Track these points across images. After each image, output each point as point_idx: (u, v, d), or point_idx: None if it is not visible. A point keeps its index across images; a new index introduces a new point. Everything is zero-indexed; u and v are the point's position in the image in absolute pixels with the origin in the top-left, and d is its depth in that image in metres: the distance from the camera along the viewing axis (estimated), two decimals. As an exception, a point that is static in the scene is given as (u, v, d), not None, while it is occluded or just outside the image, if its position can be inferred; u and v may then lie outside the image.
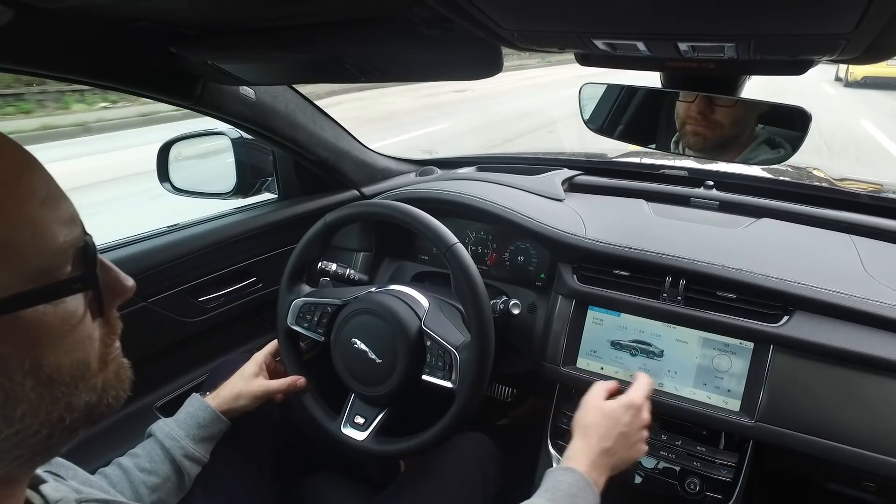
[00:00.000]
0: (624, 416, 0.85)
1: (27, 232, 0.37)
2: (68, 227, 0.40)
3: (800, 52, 0.61)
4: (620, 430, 0.84)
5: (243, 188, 1.37)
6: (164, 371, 1.22)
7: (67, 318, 0.40)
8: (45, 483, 0.48)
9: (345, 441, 1.02)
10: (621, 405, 0.87)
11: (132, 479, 0.83)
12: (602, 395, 0.90)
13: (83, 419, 0.42)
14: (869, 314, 0.91)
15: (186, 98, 1.07)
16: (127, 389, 0.46)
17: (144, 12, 0.81)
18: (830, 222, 1.17)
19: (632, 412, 0.86)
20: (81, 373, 0.41)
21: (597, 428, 0.84)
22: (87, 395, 0.41)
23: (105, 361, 0.44)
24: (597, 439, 0.83)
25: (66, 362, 0.39)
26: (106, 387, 0.43)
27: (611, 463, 0.82)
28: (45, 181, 0.40)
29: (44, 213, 0.39)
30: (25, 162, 0.39)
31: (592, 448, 0.82)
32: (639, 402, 0.88)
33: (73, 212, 0.42)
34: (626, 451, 0.84)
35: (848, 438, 0.89)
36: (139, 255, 1.11)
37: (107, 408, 0.44)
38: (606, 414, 0.85)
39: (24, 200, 0.38)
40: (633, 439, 0.85)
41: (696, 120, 0.94)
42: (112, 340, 0.45)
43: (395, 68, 0.95)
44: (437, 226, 0.98)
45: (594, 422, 0.85)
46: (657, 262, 1.05)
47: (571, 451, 0.83)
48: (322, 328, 1.07)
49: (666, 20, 0.54)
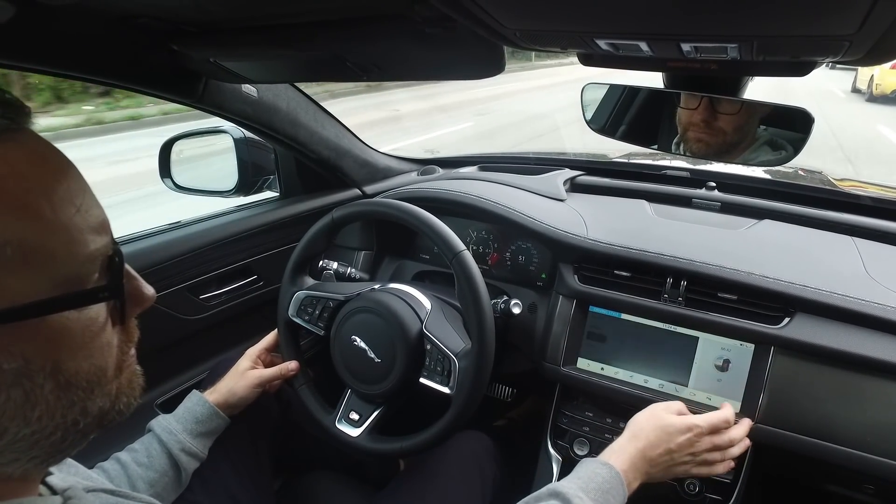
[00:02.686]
0: (680, 435, 0.83)
1: (61, 239, 0.38)
2: (99, 235, 0.41)
3: (803, 54, 0.61)
4: (670, 446, 0.82)
5: (245, 186, 1.37)
6: (165, 368, 1.22)
7: (90, 324, 0.40)
8: (52, 475, 0.49)
9: (339, 436, 1.02)
10: (684, 424, 0.85)
11: (130, 474, 0.83)
12: (672, 408, 0.89)
13: (95, 424, 0.43)
14: (870, 316, 0.90)
15: (188, 96, 1.07)
16: (137, 397, 0.47)
17: (146, 9, 0.81)
18: (832, 224, 1.17)
19: (690, 435, 0.84)
20: (98, 378, 0.42)
21: (648, 434, 0.83)
22: (102, 400, 0.42)
23: (121, 368, 0.45)
24: (644, 444, 0.81)
25: (84, 367, 0.40)
26: (119, 393, 0.44)
27: (650, 472, 0.81)
28: (80, 189, 0.41)
29: (78, 220, 0.39)
30: (64, 168, 0.40)
31: (637, 451, 0.81)
32: (702, 428, 0.85)
33: (105, 220, 0.42)
34: (667, 467, 0.83)
35: (848, 441, 0.89)
36: (141, 253, 1.12)
37: (118, 414, 0.45)
38: (665, 426, 0.84)
39: (61, 208, 0.38)
40: (679, 460, 0.83)
41: (699, 127, 0.94)
42: (129, 348, 0.46)
43: (397, 67, 0.95)
44: (444, 230, 0.98)
45: (649, 428, 0.84)
46: (658, 262, 1.05)
47: (616, 447, 0.82)
48: (323, 322, 1.07)
49: (669, 20, 0.54)
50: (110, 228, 0.43)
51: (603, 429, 1.09)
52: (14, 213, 0.36)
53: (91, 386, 0.41)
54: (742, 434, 0.89)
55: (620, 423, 1.07)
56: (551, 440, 1.13)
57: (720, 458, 0.87)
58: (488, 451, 1.09)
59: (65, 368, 0.39)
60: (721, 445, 0.87)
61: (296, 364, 1.06)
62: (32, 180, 0.38)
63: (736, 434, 0.88)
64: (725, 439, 0.87)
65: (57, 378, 0.39)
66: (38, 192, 0.38)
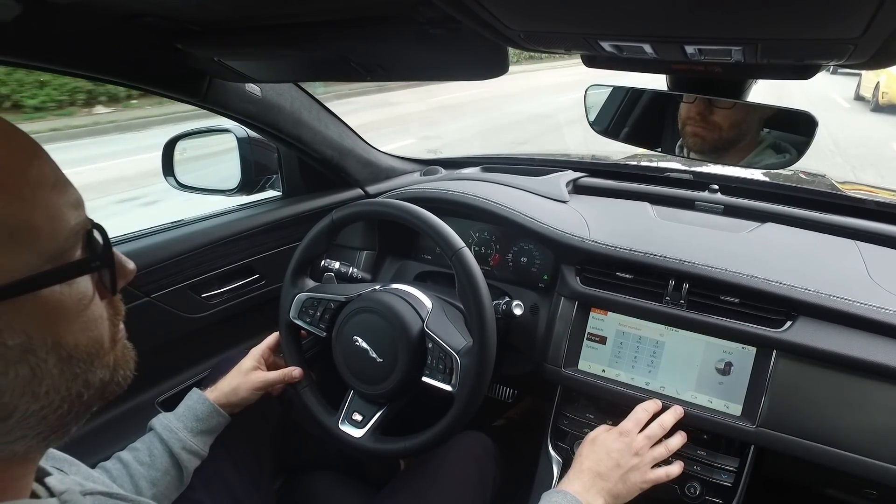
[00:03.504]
0: (614, 443, 0.90)
1: (42, 215, 0.39)
2: (76, 210, 0.42)
3: (807, 57, 0.61)
4: (612, 455, 0.88)
5: (248, 185, 1.38)
6: (166, 367, 1.22)
7: (80, 297, 0.42)
8: (50, 476, 0.49)
9: (342, 437, 1.02)
10: (614, 432, 0.92)
11: (132, 473, 0.83)
12: (603, 427, 0.95)
13: (98, 396, 0.44)
14: (873, 321, 0.90)
15: (192, 95, 1.07)
16: (132, 369, 0.49)
17: (152, 8, 0.81)
18: (835, 228, 1.16)
19: (622, 439, 0.91)
20: (96, 350, 0.43)
21: (590, 453, 0.90)
22: (102, 371, 0.44)
23: (114, 340, 0.46)
24: (589, 464, 0.88)
25: (82, 340, 0.42)
26: (117, 365, 0.46)
27: (607, 487, 0.86)
28: (52, 167, 0.42)
29: (55, 197, 0.41)
30: (34, 149, 0.41)
31: (586, 471, 0.87)
32: (628, 428, 0.92)
33: (79, 197, 0.43)
34: (621, 477, 0.87)
35: (850, 445, 0.89)
36: (143, 251, 1.12)
37: (117, 386, 0.46)
38: (599, 441, 0.91)
39: (37, 186, 0.40)
40: (627, 466, 0.88)
41: (695, 121, 0.94)
42: (118, 321, 0.47)
43: (401, 67, 0.95)
44: (444, 229, 0.98)
45: (588, 449, 0.91)
46: (660, 265, 1.04)
47: (566, 478, 0.88)
48: (324, 324, 1.07)
49: (673, 23, 0.54)
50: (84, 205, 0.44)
51: (604, 431, 1.09)
52: None
53: (91, 358, 0.43)
54: (671, 419, 0.95)
55: (621, 425, 1.07)
56: (552, 442, 1.13)
57: (665, 451, 0.92)
58: (488, 451, 1.09)
59: (65, 342, 0.40)
60: (654, 435, 0.92)
61: (300, 371, 1.06)
62: (6, 160, 0.38)
63: (666, 419, 0.94)
64: (656, 428, 0.93)
65: (59, 352, 0.40)
66: (12, 170, 0.38)
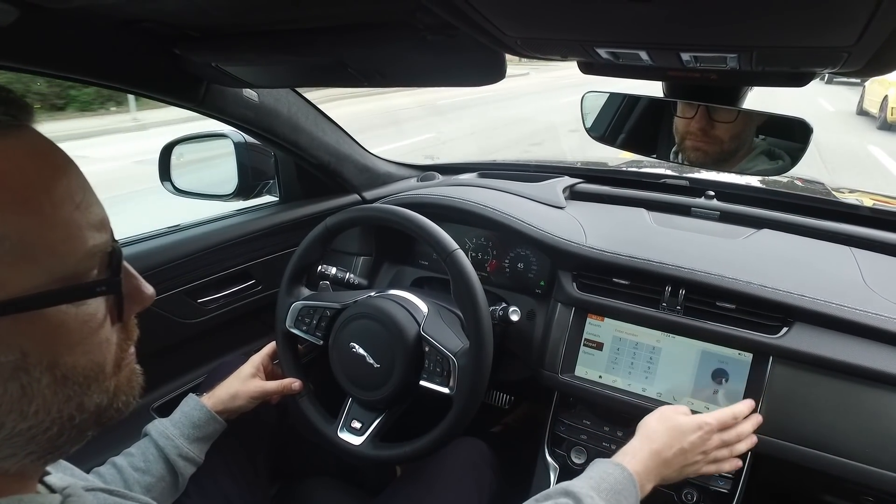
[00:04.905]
0: (692, 433, 0.84)
1: (60, 234, 0.39)
2: (99, 231, 0.42)
3: (802, 64, 0.62)
4: (683, 446, 0.82)
5: (244, 190, 1.37)
6: (162, 372, 1.22)
7: (88, 320, 0.41)
8: (50, 475, 0.49)
9: (341, 446, 1.02)
10: (695, 422, 0.85)
11: (126, 478, 0.83)
12: (680, 409, 0.89)
13: (92, 421, 0.43)
14: (868, 327, 0.90)
15: (189, 100, 1.07)
16: (137, 396, 0.47)
17: (149, 14, 0.81)
18: (831, 234, 1.17)
19: (701, 433, 0.84)
20: (95, 375, 0.42)
21: (661, 435, 0.83)
22: (99, 396, 0.43)
23: (119, 366, 0.45)
24: (658, 445, 0.81)
25: (82, 363, 0.41)
26: (118, 391, 0.45)
27: (663, 473, 0.81)
28: (81, 186, 0.41)
29: (77, 216, 0.40)
30: (64, 166, 0.41)
31: (651, 452, 0.80)
32: (712, 426, 0.86)
33: (104, 217, 0.43)
34: (680, 467, 0.83)
35: (846, 451, 0.89)
36: (139, 256, 1.11)
37: (116, 412, 0.45)
38: (676, 425, 0.84)
39: (61, 203, 0.39)
40: (691, 459, 0.83)
41: (696, 136, 0.94)
42: (128, 346, 0.46)
43: (399, 73, 0.95)
44: (437, 231, 0.98)
45: (662, 429, 0.84)
46: (657, 271, 1.05)
47: (629, 448, 0.82)
48: (321, 332, 1.06)
49: (669, 30, 0.54)
50: (110, 226, 0.44)
51: (600, 437, 1.09)
52: (14, 207, 0.37)
53: (88, 381, 0.41)
54: (750, 429, 0.90)
55: (618, 431, 1.07)
56: (548, 448, 1.12)
57: (728, 454, 0.87)
58: (484, 457, 1.09)
59: (62, 363, 0.39)
60: (729, 441, 0.87)
61: (299, 384, 1.05)
62: (33, 176, 0.38)
63: (744, 429, 0.89)
64: (733, 434, 0.88)
65: (54, 372, 0.39)
66: (38, 187, 0.38)
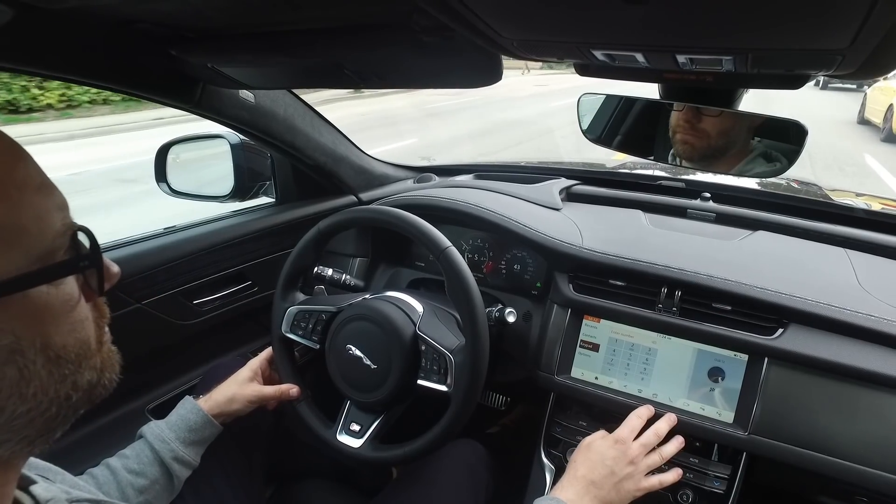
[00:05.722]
0: (609, 451, 0.89)
1: (29, 215, 0.40)
2: (62, 212, 0.43)
3: (797, 67, 0.62)
4: (606, 463, 0.87)
5: (241, 192, 1.37)
6: (157, 373, 1.21)
7: (67, 298, 0.42)
8: (35, 484, 0.48)
9: (341, 449, 1.02)
10: (610, 439, 0.91)
11: (119, 481, 0.82)
12: (597, 436, 0.93)
13: (85, 398, 0.44)
14: (863, 328, 0.91)
15: (186, 101, 1.07)
16: (118, 372, 0.49)
17: (145, 14, 0.81)
18: (826, 236, 1.17)
19: (617, 445, 0.90)
20: (84, 352, 0.43)
21: (584, 461, 0.89)
22: (90, 373, 0.44)
23: (100, 342, 0.46)
24: (584, 471, 0.87)
25: (70, 341, 0.42)
26: (104, 367, 0.46)
27: (601, 496, 0.85)
28: (36, 170, 0.42)
29: (41, 199, 0.41)
30: (18, 152, 0.42)
31: (580, 479, 0.86)
32: (623, 436, 0.91)
33: (64, 199, 0.44)
34: (614, 485, 0.86)
35: (841, 452, 0.89)
36: (134, 257, 1.11)
37: (103, 388, 0.46)
38: (594, 447, 0.90)
39: (24, 187, 0.40)
40: (622, 474, 0.87)
41: (684, 128, 0.95)
42: (103, 323, 0.48)
43: (395, 75, 0.95)
44: (430, 230, 0.98)
45: (583, 456, 0.90)
46: (653, 272, 1.05)
47: (559, 484, 0.87)
48: (317, 335, 1.06)
49: (665, 32, 0.55)
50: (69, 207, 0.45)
51: (597, 438, 1.09)
52: None
53: (79, 359, 0.43)
54: (665, 426, 0.94)
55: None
56: (544, 449, 1.12)
57: (659, 459, 0.91)
58: (481, 458, 1.09)
59: (53, 343, 0.40)
60: (649, 443, 0.91)
61: (297, 390, 1.05)
62: None
63: (660, 427, 0.93)
64: (651, 436, 0.92)
65: (47, 353, 0.40)
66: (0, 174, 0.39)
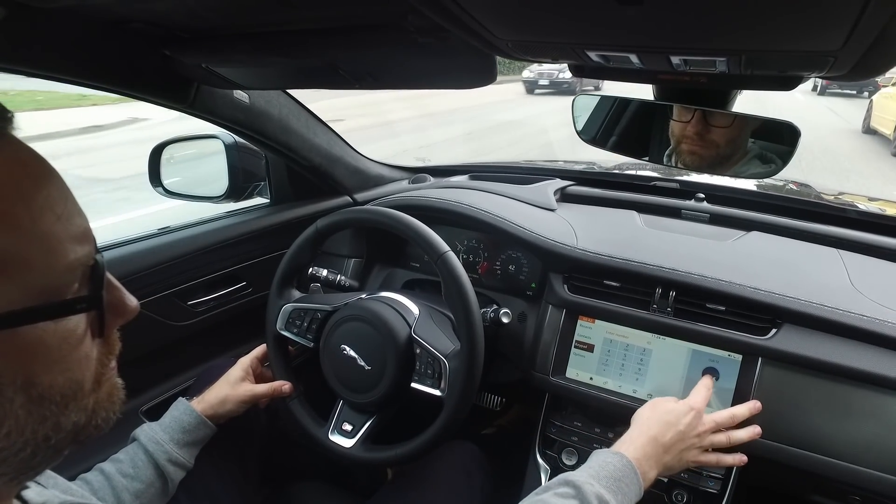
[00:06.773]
0: (684, 416, 0.85)
1: (40, 248, 0.37)
2: (80, 244, 0.40)
3: (790, 68, 0.62)
4: (679, 428, 0.84)
5: (235, 192, 1.37)
6: (151, 375, 1.21)
7: (67, 336, 0.39)
8: (28, 489, 0.48)
9: (332, 448, 1.02)
10: (685, 405, 0.87)
11: (115, 485, 0.82)
12: (670, 398, 0.90)
13: (69, 439, 0.41)
14: (855, 328, 0.91)
15: (180, 101, 1.06)
16: (117, 411, 0.45)
17: (139, 14, 0.81)
18: (819, 237, 1.18)
19: (693, 413, 0.86)
20: (73, 393, 0.40)
21: (656, 421, 0.84)
22: (77, 415, 0.41)
23: (99, 382, 0.43)
24: (654, 431, 0.82)
25: (59, 381, 0.39)
26: (97, 408, 0.43)
27: (664, 460, 0.81)
28: (62, 196, 0.39)
29: (58, 229, 0.38)
30: (46, 175, 0.39)
31: (649, 439, 0.81)
32: (699, 405, 0.88)
33: (87, 228, 0.41)
34: (679, 451, 0.83)
35: (834, 452, 0.90)
36: (128, 257, 1.11)
37: (95, 429, 0.43)
38: (669, 410, 0.86)
39: (41, 215, 0.37)
40: (689, 442, 0.84)
41: (693, 140, 0.95)
42: (109, 360, 0.44)
43: (390, 75, 0.95)
44: (428, 233, 0.98)
45: (655, 416, 0.85)
46: (647, 273, 1.05)
47: (627, 438, 0.82)
48: (311, 334, 1.06)
49: (659, 33, 0.55)
50: (93, 237, 0.42)
51: (591, 438, 1.09)
52: None
53: (66, 400, 0.39)
54: (745, 412, 0.91)
55: (609, 433, 1.07)
56: (539, 450, 1.13)
57: (725, 440, 0.88)
58: (476, 459, 1.09)
59: (38, 382, 0.37)
60: (722, 423, 0.88)
61: (289, 386, 1.05)
62: (11, 187, 0.36)
63: (739, 411, 0.90)
64: (726, 416, 0.89)
65: (29, 392, 0.37)
66: (16, 199, 0.36)
